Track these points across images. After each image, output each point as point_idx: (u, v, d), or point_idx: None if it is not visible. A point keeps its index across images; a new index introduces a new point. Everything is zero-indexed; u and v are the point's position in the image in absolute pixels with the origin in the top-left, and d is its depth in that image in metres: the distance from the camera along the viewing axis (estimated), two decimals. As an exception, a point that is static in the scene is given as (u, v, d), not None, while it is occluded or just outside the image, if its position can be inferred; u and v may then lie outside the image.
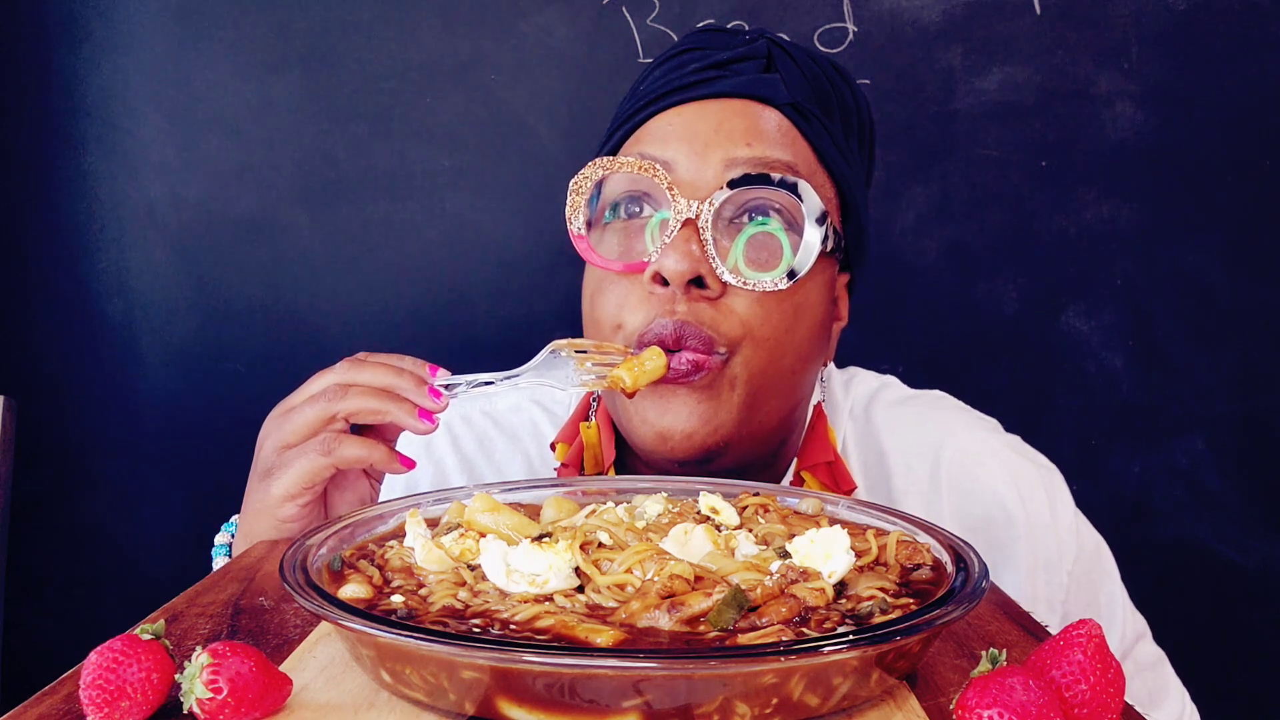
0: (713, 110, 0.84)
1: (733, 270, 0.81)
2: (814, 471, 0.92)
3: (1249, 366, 1.84)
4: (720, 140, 0.83)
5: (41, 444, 1.92)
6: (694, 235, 0.80)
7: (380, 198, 1.93)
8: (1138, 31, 1.81)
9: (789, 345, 0.83)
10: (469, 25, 1.89)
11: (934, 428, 1.00)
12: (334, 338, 1.95)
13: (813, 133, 0.86)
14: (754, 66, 0.86)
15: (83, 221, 1.95)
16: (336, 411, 0.79)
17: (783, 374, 0.85)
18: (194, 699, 0.53)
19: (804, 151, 0.85)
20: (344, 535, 0.75)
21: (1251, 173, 1.81)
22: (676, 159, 0.83)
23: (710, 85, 0.85)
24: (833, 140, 0.86)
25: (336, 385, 0.79)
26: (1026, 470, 0.99)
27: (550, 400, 1.06)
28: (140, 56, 1.92)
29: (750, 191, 0.81)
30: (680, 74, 0.86)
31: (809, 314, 0.85)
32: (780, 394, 0.86)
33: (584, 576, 0.64)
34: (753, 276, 0.81)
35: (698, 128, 0.83)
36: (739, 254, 0.82)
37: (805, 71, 0.87)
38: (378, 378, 0.79)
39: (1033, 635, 0.71)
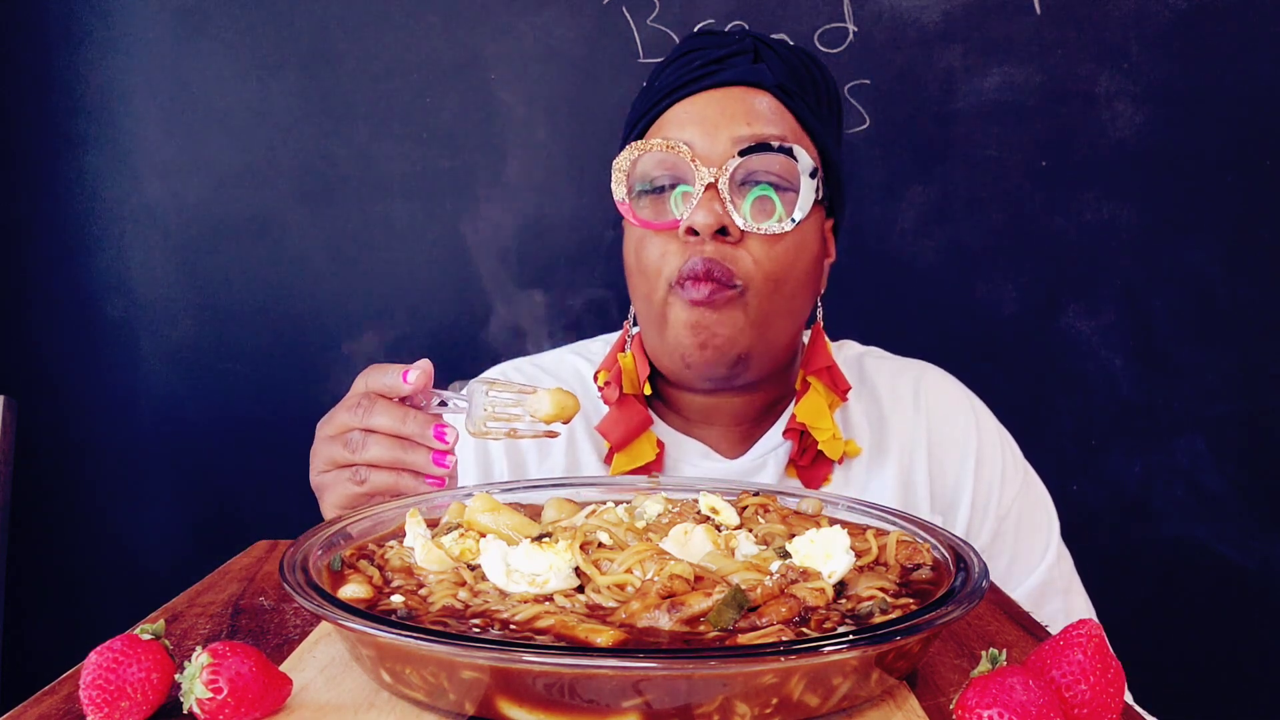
0: (717, 97, 1.05)
1: (746, 220, 1.02)
2: (818, 375, 1.13)
3: (1249, 366, 1.84)
4: (726, 120, 1.03)
5: (41, 444, 1.92)
6: (715, 196, 1.01)
7: (380, 198, 1.93)
8: (1138, 31, 1.81)
9: (791, 276, 1.05)
10: (469, 25, 1.89)
11: (913, 369, 1.23)
12: (334, 338, 1.95)
13: (796, 107, 1.06)
14: (745, 59, 1.07)
15: (83, 221, 1.95)
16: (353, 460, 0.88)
17: (786, 298, 1.06)
18: (194, 699, 0.53)
19: (791, 123, 1.06)
20: (343, 535, 0.75)
21: (1251, 173, 1.81)
22: (694, 139, 1.04)
23: (713, 77, 1.06)
24: (811, 112, 1.07)
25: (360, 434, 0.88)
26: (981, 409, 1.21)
27: (587, 352, 1.26)
28: (140, 56, 1.92)
29: (756, 158, 1.02)
30: (687, 70, 1.07)
31: (806, 251, 1.07)
32: (786, 314, 1.07)
33: (584, 576, 0.64)
34: (763, 223, 1.02)
35: (707, 112, 1.04)
36: (750, 207, 1.03)
37: (785, 60, 1.08)
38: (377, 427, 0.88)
39: (1033, 635, 0.71)
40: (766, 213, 1.03)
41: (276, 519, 1.94)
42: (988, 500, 1.15)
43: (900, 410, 1.17)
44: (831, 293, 1.91)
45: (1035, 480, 1.20)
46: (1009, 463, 1.17)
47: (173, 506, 1.98)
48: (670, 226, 1.04)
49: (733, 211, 1.01)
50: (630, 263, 1.10)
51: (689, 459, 1.15)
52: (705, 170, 1.01)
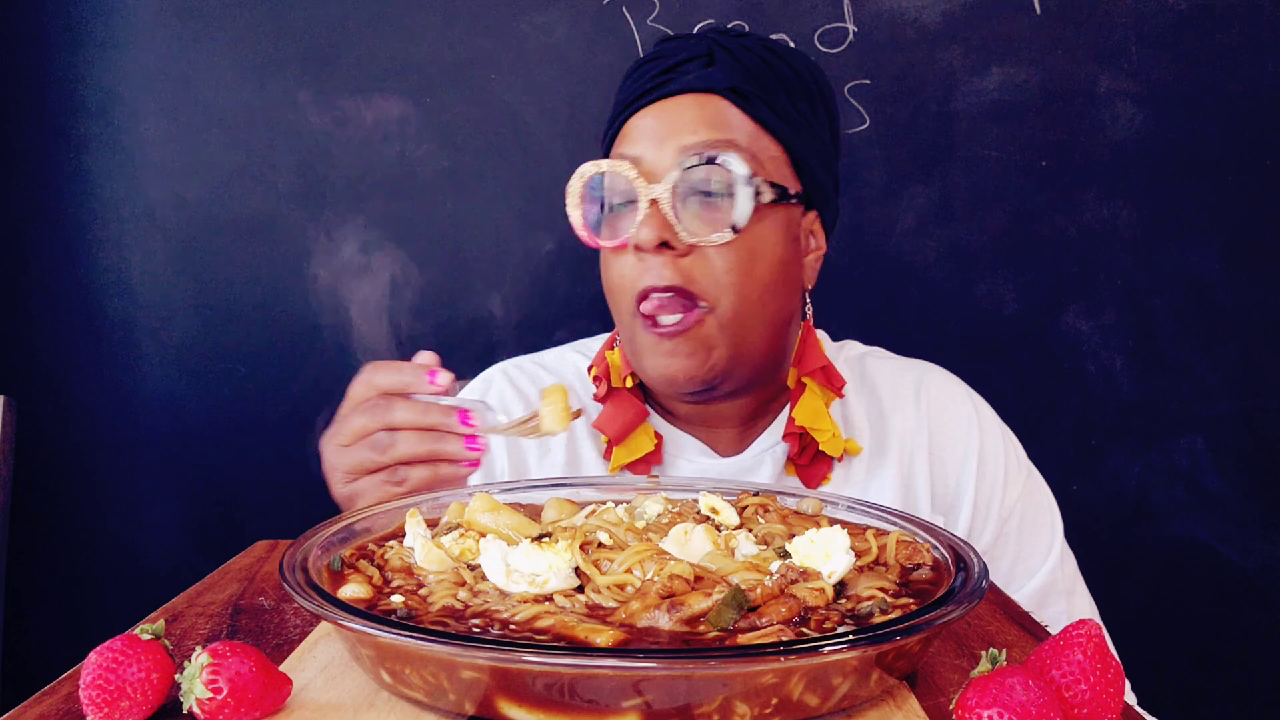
0: (668, 108, 1.05)
1: (690, 233, 1.00)
2: (812, 375, 1.12)
3: (1249, 366, 1.84)
4: (673, 132, 1.03)
5: (41, 444, 1.92)
6: (658, 211, 1.01)
7: (379, 198, 1.93)
8: (1138, 31, 1.81)
9: (753, 283, 1.03)
10: (469, 25, 1.89)
11: (916, 369, 1.22)
12: (333, 338, 1.95)
13: (751, 108, 1.04)
14: (697, 64, 1.06)
15: (83, 221, 1.95)
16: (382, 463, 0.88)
17: (754, 307, 1.04)
18: (194, 699, 0.53)
19: (745, 125, 1.04)
20: (343, 535, 0.75)
21: (1251, 173, 1.81)
22: (643, 153, 1.04)
23: (664, 88, 1.05)
24: (773, 110, 1.05)
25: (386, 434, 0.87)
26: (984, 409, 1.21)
27: (587, 350, 1.27)
28: (140, 56, 1.92)
29: (694, 171, 1.01)
30: (642, 82, 1.07)
31: (765, 255, 1.04)
32: (759, 324, 1.05)
33: (584, 576, 0.64)
34: (706, 235, 1.01)
35: (656, 125, 1.04)
36: (692, 219, 1.01)
37: (741, 59, 1.06)
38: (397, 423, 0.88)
39: (1033, 635, 0.71)
40: (709, 224, 1.01)
41: (276, 519, 1.94)
42: (990, 501, 1.14)
43: (901, 410, 1.17)
44: (831, 293, 1.91)
45: (1039, 481, 1.19)
46: (1012, 463, 1.16)
47: (173, 506, 1.98)
48: (620, 246, 1.04)
49: (676, 225, 1.00)
50: (604, 283, 1.11)
51: (686, 455, 1.15)
52: (648, 186, 1.01)
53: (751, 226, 1.02)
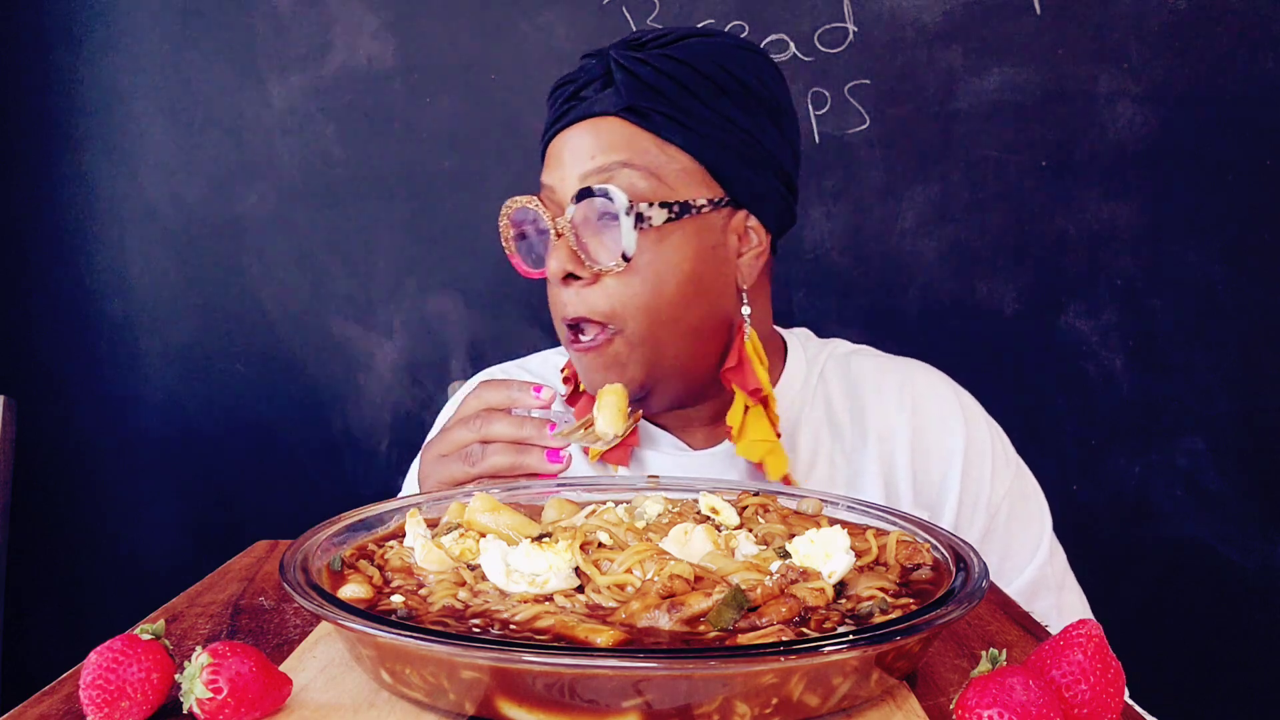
0: (571, 136, 1.06)
1: (593, 261, 1.03)
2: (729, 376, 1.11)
3: (1249, 366, 1.84)
4: (574, 161, 1.05)
5: (41, 444, 1.92)
6: (564, 243, 1.03)
7: (380, 198, 1.93)
8: (1138, 31, 1.81)
9: (659, 302, 1.04)
10: (469, 25, 1.89)
11: (902, 366, 1.22)
12: (334, 338, 1.95)
13: (650, 124, 1.04)
14: (595, 87, 1.06)
15: (83, 221, 1.95)
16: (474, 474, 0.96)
17: (666, 325, 1.05)
18: (194, 699, 0.53)
19: (644, 142, 1.04)
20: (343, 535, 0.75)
21: (1251, 173, 1.81)
22: (552, 183, 1.06)
23: (566, 116, 1.07)
24: (676, 120, 1.04)
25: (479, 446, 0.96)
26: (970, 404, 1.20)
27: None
28: (140, 56, 1.92)
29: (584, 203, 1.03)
30: (552, 110, 1.10)
31: (672, 271, 1.04)
32: (674, 339, 1.06)
33: (584, 576, 0.64)
34: (605, 264, 1.02)
35: (561, 153, 1.06)
36: (596, 248, 1.03)
37: (639, 74, 1.05)
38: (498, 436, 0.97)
39: (1033, 635, 0.71)
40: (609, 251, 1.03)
41: (276, 519, 1.94)
42: (976, 497, 1.14)
43: (883, 405, 1.17)
44: (832, 292, 1.92)
45: (1027, 477, 1.19)
46: (999, 459, 1.16)
47: (173, 506, 1.98)
48: (540, 275, 1.08)
49: (580, 253, 1.02)
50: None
51: (660, 449, 1.16)
52: (553, 220, 1.04)
53: (651, 247, 1.02)
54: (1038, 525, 1.16)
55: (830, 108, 1.86)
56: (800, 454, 1.15)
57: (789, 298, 1.89)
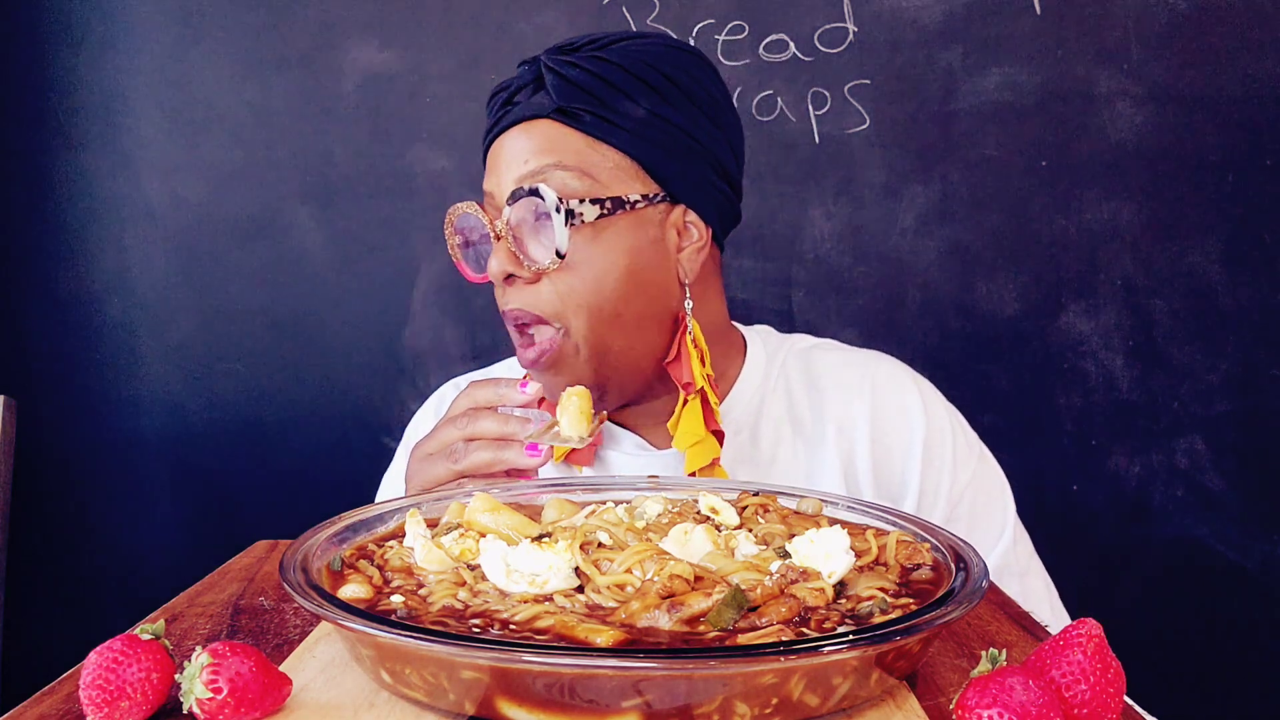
0: (506, 141, 1.08)
1: (530, 260, 1.04)
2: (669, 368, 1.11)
3: (1249, 366, 1.84)
4: (508, 165, 1.07)
5: (41, 444, 1.92)
6: (504, 244, 1.04)
7: (380, 198, 1.93)
8: (1138, 31, 1.81)
9: (601, 298, 1.05)
10: (469, 25, 1.89)
11: (861, 359, 1.22)
12: (334, 338, 1.95)
13: (586, 125, 1.06)
14: (527, 92, 1.08)
15: (83, 221, 1.95)
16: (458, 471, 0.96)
17: (609, 321, 1.05)
18: (194, 699, 0.53)
19: (575, 142, 1.05)
20: (343, 535, 0.75)
21: (1251, 173, 1.81)
22: (492, 188, 1.08)
23: (501, 122, 1.08)
24: (606, 120, 1.06)
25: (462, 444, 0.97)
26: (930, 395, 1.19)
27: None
28: (140, 56, 1.92)
29: (518, 204, 1.04)
30: (490, 115, 1.11)
31: (610, 267, 1.05)
32: (619, 335, 1.07)
33: (584, 576, 0.64)
34: (542, 263, 1.03)
35: (498, 159, 1.08)
36: (529, 248, 1.05)
37: (569, 76, 1.07)
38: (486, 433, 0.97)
39: (1033, 635, 0.71)
40: (544, 251, 1.04)
41: (276, 519, 1.94)
42: (937, 486, 1.14)
43: (842, 397, 1.17)
44: (832, 292, 1.92)
45: (990, 464, 1.19)
46: (960, 448, 1.16)
47: (173, 506, 1.98)
48: (483, 279, 1.09)
49: (519, 254, 1.04)
50: None
51: (623, 449, 1.17)
52: (492, 223, 1.05)
53: (586, 244, 1.03)
54: (1000, 512, 1.16)
55: (830, 108, 1.86)
56: (761, 447, 1.15)
57: (789, 298, 1.89)
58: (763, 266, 1.89)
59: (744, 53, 1.87)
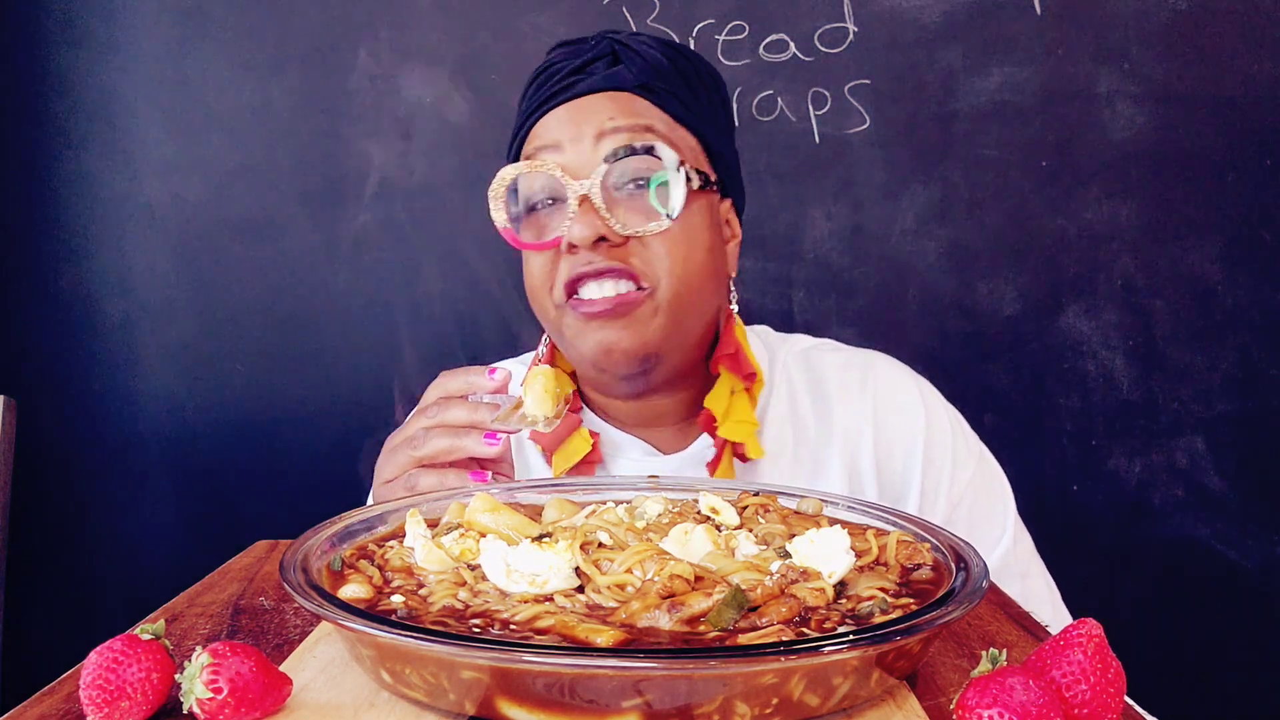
0: (579, 107, 1.05)
1: (624, 224, 1.00)
2: (723, 361, 1.11)
3: (1249, 366, 1.84)
4: (590, 124, 1.03)
5: (41, 444, 1.92)
6: (590, 207, 1.00)
7: (380, 198, 1.93)
8: (1138, 31, 1.81)
9: (690, 267, 1.04)
10: (469, 25, 1.89)
11: (862, 359, 1.21)
12: (334, 338, 1.95)
13: (662, 101, 1.05)
14: (603, 64, 1.06)
15: (83, 221, 1.95)
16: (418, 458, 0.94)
17: (692, 292, 1.04)
18: (194, 699, 0.53)
19: (659, 116, 1.05)
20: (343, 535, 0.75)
21: (1251, 173, 1.81)
22: (562, 144, 1.03)
23: (573, 88, 1.05)
24: (682, 102, 1.06)
25: (422, 430, 0.94)
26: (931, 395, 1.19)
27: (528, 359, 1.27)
28: (140, 56, 1.92)
29: (622, 162, 1.01)
30: (550, 85, 1.08)
31: (698, 240, 1.05)
32: (694, 308, 1.06)
33: (584, 576, 0.64)
34: (642, 226, 1.00)
35: (571, 119, 1.04)
36: (626, 211, 1.01)
37: (645, 57, 1.06)
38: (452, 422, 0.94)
39: (1033, 635, 0.71)
40: (643, 213, 1.01)
41: (276, 519, 1.94)
42: (938, 486, 1.14)
43: (846, 399, 1.17)
44: (832, 292, 1.92)
45: (990, 464, 1.19)
46: (960, 448, 1.16)
47: (173, 506, 1.98)
48: (551, 245, 1.03)
49: (610, 219, 1.00)
50: (525, 284, 1.11)
51: (628, 455, 1.15)
52: (575, 183, 1.00)
53: (683, 213, 1.02)
54: (1001, 513, 1.16)
55: (830, 108, 1.86)
56: (764, 448, 1.15)
57: (789, 298, 1.89)
58: (763, 266, 1.89)
59: (744, 53, 1.87)
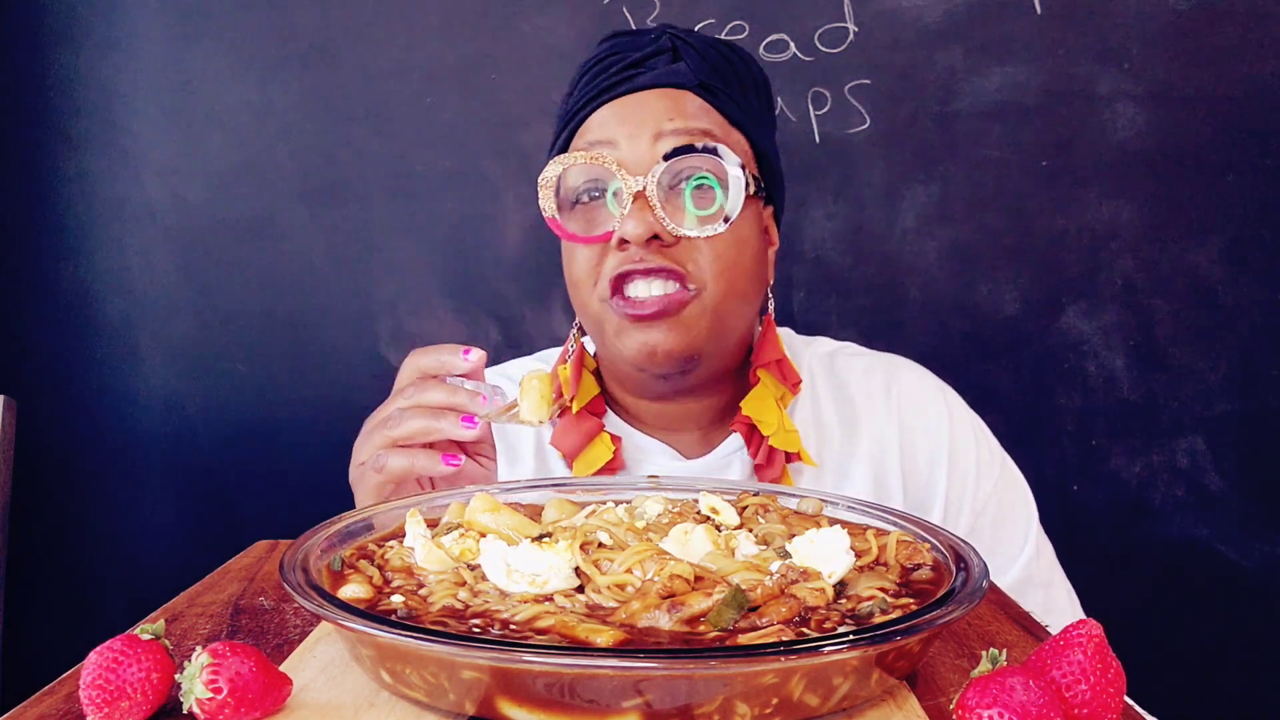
0: (638, 101, 1.03)
1: (680, 225, 0.99)
2: (767, 368, 1.11)
3: (1249, 366, 1.84)
4: (649, 124, 1.01)
5: (41, 444, 1.92)
6: (645, 204, 0.98)
7: (380, 198, 1.93)
8: (1138, 31, 1.81)
9: (739, 272, 1.03)
10: (469, 25, 1.89)
11: (885, 364, 1.21)
12: (334, 337, 1.95)
13: (720, 103, 1.04)
14: (664, 60, 1.05)
15: (83, 221, 1.95)
16: (393, 438, 0.92)
17: (738, 296, 1.04)
18: (194, 699, 0.53)
19: (716, 119, 1.04)
20: (343, 535, 0.75)
21: (1251, 173, 1.81)
22: (619, 145, 1.01)
23: (632, 81, 1.04)
24: (738, 105, 1.05)
25: (398, 411, 0.92)
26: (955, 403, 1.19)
27: (552, 358, 1.26)
28: (140, 56, 1.92)
29: (682, 160, 0.99)
30: (606, 76, 1.05)
31: (748, 245, 1.05)
32: (737, 313, 1.06)
33: (584, 576, 0.64)
34: (697, 227, 0.99)
35: (629, 117, 1.02)
36: (683, 211, 1.00)
37: (705, 55, 1.05)
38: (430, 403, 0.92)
39: (1033, 635, 0.71)
40: (699, 216, 1.00)
41: (276, 519, 1.94)
42: (962, 495, 1.13)
43: (872, 407, 1.16)
44: (832, 293, 1.92)
45: (1013, 472, 1.18)
46: (984, 456, 1.16)
47: (173, 506, 1.98)
48: (602, 239, 1.02)
49: (664, 218, 0.98)
50: (566, 274, 1.09)
51: (651, 459, 1.14)
52: (631, 179, 0.98)
53: (738, 218, 1.01)
54: (1024, 522, 1.16)
55: (830, 108, 1.86)
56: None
57: (789, 298, 1.89)
58: (763, 266, 1.88)
59: (744, 53, 1.86)
